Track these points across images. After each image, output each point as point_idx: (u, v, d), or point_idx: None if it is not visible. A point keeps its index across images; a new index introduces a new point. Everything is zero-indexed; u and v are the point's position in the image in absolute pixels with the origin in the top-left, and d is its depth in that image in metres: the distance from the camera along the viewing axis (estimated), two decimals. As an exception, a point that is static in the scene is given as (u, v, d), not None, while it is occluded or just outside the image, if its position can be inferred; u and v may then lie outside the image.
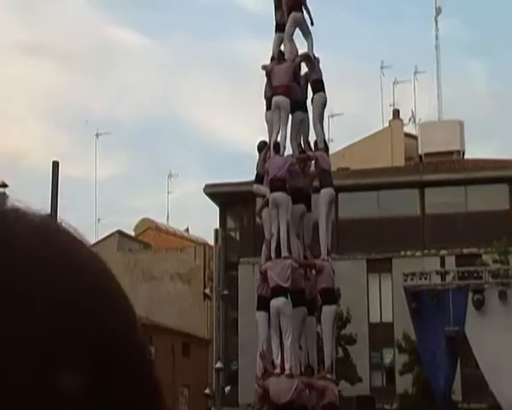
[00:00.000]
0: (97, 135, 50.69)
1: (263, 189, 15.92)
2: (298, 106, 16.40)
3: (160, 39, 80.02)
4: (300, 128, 16.50)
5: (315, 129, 16.42)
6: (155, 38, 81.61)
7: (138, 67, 76.63)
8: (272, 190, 15.38)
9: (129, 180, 76.86)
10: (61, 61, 77.30)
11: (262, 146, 16.26)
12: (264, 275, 15.09)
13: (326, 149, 16.57)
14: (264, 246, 15.70)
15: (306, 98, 16.73)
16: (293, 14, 16.55)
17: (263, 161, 16.01)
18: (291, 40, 16.79)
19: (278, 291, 14.67)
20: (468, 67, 71.27)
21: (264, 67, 16.49)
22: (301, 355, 15.26)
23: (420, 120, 47.86)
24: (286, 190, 15.45)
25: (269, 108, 16.28)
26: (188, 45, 79.12)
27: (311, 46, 16.80)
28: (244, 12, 74.10)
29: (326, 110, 17.27)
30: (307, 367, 15.04)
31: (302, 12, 16.74)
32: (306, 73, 16.81)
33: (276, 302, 14.59)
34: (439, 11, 47.55)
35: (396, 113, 48.05)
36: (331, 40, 64.37)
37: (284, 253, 14.95)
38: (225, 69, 77.01)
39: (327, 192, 15.85)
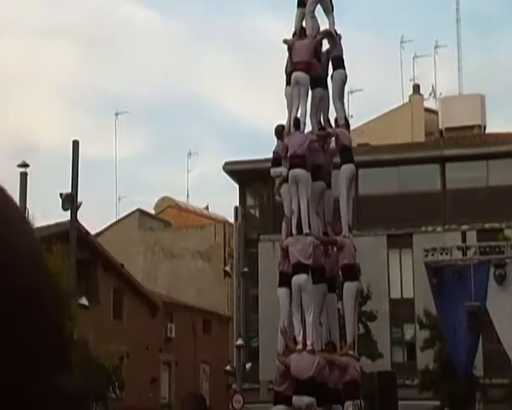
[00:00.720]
0: (117, 114, 50.83)
1: (279, 169, 15.83)
2: (318, 82, 16.28)
3: (176, 17, 79.74)
4: (320, 105, 16.40)
5: (335, 106, 16.30)
6: (171, 15, 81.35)
7: (154, 46, 76.52)
8: (292, 166, 15.31)
9: (149, 159, 76.96)
10: (77, 41, 77.33)
11: (280, 129, 16.14)
12: (285, 251, 15.07)
13: (347, 125, 16.46)
14: (284, 223, 15.67)
15: (327, 75, 16.60)
16: None
17: (282, 143, 15.91)
18: (313, 16, 16.67)
19: (300, 268, 14.65)
20: (488, 41, 70.56)
21: (285, 42, 16.40)
22: (322, 332, 15.27)
23: (440, 94, 47.48)
24: (306, 166, 15.37)
25: (289, 83, 16.19)
26: (206, 22, 78.83)
27: (332, 22, 16.67)
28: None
29: (346, 86, 17.14)
30: (329, 344, 15.05)
31: None
32: (328, 50, 16.69)
33: (298, 279, 14.58)
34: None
35: (416, 88, 47.66)
36: (351, 15, 63.89)
37: (306, 230, 14.91)
38: (245, 46, 76.74)
39: (348, 168, 15.76)
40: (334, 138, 16.20)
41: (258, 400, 33.25)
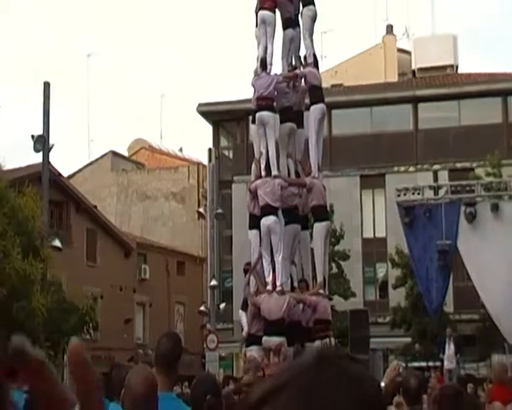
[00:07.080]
0: (88, 56, 50.26)
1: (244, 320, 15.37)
2: (289, 23, 16.14)
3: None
4: (291, 46, 16.26)
5: (304, 43, 16.13)
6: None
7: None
8: (258, 108, 15.27)
9: (122, 100, 76.25)
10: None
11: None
12: (254, 193, 15.09)
13: (316, 63, 16.27)
14: (253, 165, 15.64)
15: (298, 13, 16.44)
16: None
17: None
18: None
19: (268, 210, 14.70)
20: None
21: None
22: (294, 271, 15.40)
23: (413, 34, 47.34)
24: (273, 108, 15.31)
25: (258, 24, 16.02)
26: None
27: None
28: None
29: (319, 26, 16.97)
30: (301, 281, 15.20)
31: None
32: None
33: (266, 221, 14.62)
34: None
35: (389, 28, 47.45)
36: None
37: (274, 171, 14.90)
38: None
39: (317, 108, 15.68)
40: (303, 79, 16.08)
41: (232, 339, 33.60)
